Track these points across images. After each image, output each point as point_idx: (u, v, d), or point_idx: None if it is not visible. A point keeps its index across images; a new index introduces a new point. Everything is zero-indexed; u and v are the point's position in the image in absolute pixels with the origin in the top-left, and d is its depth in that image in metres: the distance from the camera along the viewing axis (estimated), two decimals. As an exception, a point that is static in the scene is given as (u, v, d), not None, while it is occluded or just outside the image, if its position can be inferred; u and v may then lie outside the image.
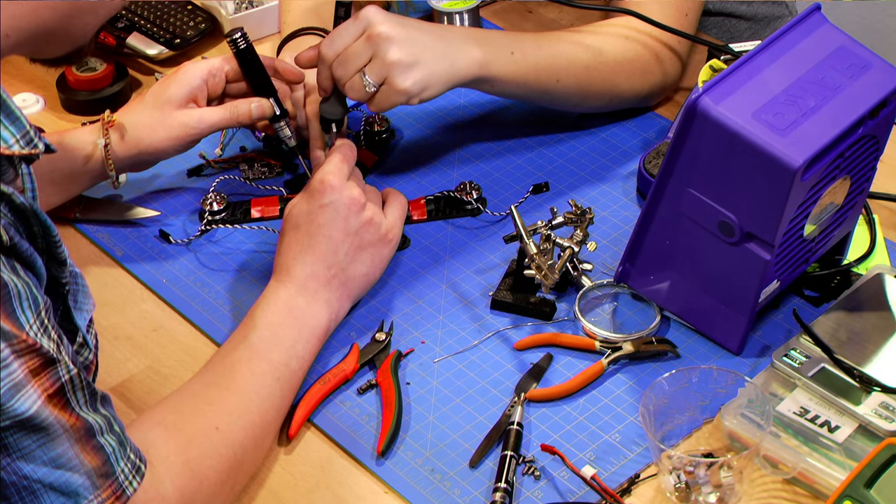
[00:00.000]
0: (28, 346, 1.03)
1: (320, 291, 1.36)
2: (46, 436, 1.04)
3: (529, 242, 1.40)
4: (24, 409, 1.02)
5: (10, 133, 1.05)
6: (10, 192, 1.03)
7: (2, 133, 1.04)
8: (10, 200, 1.04)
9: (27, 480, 1.04)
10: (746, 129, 1.22)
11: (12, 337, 1.02)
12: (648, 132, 1.64)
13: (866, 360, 1.29)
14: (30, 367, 1.03)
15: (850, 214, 1.38)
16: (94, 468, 1.07)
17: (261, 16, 1.81)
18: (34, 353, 1.03)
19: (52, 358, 1.05)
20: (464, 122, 1.68)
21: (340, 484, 1.28)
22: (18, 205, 1.04)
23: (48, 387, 1.04)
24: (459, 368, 1.37)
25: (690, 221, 1.31)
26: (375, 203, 1.42)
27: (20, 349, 1.02)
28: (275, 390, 1.28)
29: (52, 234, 1.09)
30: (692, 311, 1.37)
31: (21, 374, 1.02)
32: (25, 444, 1.03)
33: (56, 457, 1.05)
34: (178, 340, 1.43)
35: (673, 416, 1.27)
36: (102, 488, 1.07)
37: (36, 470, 1.04)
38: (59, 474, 1.05)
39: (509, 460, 1.26)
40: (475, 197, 1.53)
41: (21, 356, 1.02)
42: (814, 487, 1.22)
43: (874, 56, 1.29)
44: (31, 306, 1.04)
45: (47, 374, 1.04)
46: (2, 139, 1.04)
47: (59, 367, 1.05)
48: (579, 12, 1.82)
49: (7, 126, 1.05)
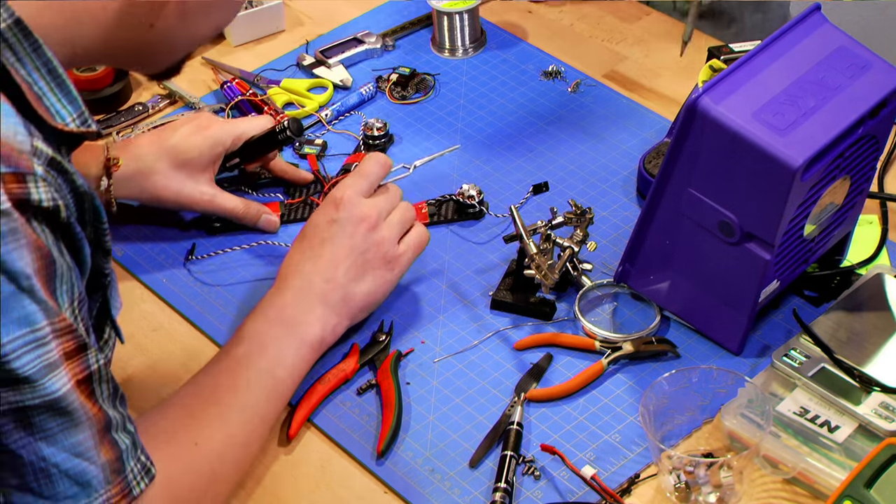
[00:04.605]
0: (66, 326, 1.03)
1: (315, 303, 1.34)
2: (70, 421, 1.04)
3: (529, 242, 1.40)
4: (54, 390, 1.02)
5: (67, 112, 1.06)
6: (73, 171, 1.04)
7: (60, 111, 1.06)
8: (71, 181, 1.04)
9: (45, 462, 1.04)
10: (746, 129, 1.22)
11: (54, 315, 1.02)
12: (648, 132, 1.64)
13: (866, 360, 1.29)
14: (65, 349, 1.03)
15: (850, 214, 1.38)
16: (109, 462, 1.07)
17: (261, 15, 1.81)
18: (70, 334, 1.03)
19: (84, 343, 1.05)
20: (464, 122, 1.68)
21: (340, 484, 1.28)
22: (78, 186, 1.05)
23: (78, 372, 1.04)
24: (459, 368, 1.37)
25: (690, 221, 1.31)
26: (395, 226, 1.40)
27: (59, 329, 1.02)
28: (259, 400, 1.26)
29: (102, 220, 1.09)
30: (692, 311, 1.37)
31: (57, 355, 1.02)
32: (50, 426, 1.03)
33: (76, 444, 1.04)
34: (178, 340, 1.43)
35: (673, 416, 1.27)
36: (113, 484, 1.07)
37: (56, 454, 1.04)
38: (77, 462, 1.05)
39: (509, 460, 1.26)
40: (477, 200, 1.53)
41: (58, 336, 1.02)
42: (814, 487, 1.22)
43: (874, 56, 1.29)
44: (68, 291, 1.04)
45: (79, 360, 1.04)
46: (61, 116, 1.06)
47: (90, 355, 1.05)
48: (580, 12, 1.83)
49: (66, 105, 1.06)
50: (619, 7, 1.85)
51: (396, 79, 1.73)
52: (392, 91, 1.72)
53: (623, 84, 1.72)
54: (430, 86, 1.73)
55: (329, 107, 1.70)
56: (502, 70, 1.75)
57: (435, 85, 1.73)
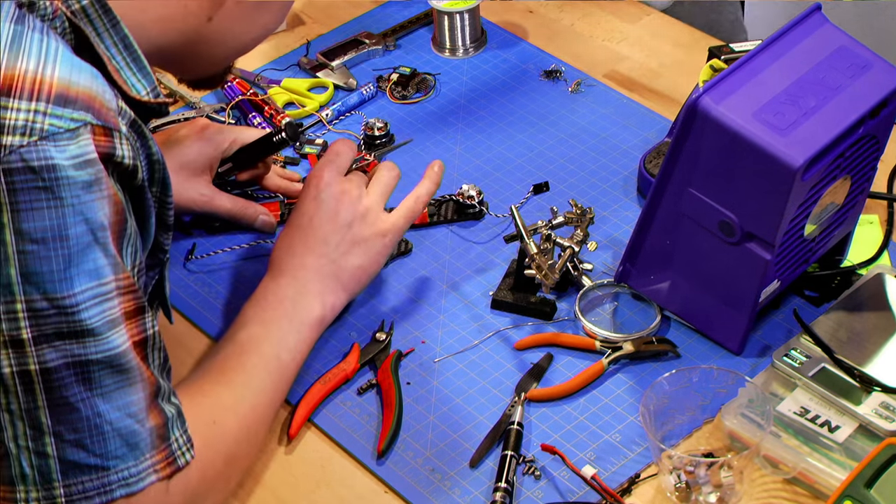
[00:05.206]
0: (129, 285, 1.06)
1: (311, 282, 1.35)
2: (127, 379, 1.06)
3: (530, 242, 1.40)
4: (117, 345, 1.04)
5: (142, 85, 1.12)
6: (150, 137, 1.09)
7: (136, 84, 1.12)
8: (148, 146, 1.09)
9: (100, 419, 1.05)
10: (747, 129, 1.22)
11: (120, 271, 1.05)
12: (648, 132, 1.64)
13: (866, 360, 1.29)
14: (125, 308, 1.05)
15: (851, 214, 1.38)
16: (156, 427, 1.09)
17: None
18: (132, 294, 1.06)
19: (143, 306, 1.07)
20: (464, 122, 1.68)
21: (340, 484, 1.28)
22: (153, 153, 1.10)
23: (136, 333, 1.07)
24: (460, 368, 1.37)
25: (690, 221, 1.31)
26: (376, 198, 1.41)
27: (123, 287, 1.05)
28: (266, 384, 1.27)
29: (168, 193, 1.13)
30: (692, 311, 1.37)
31: (119, 311, 1.05)
32: (107, 383, 1.05)
33: (130, 403, 1.06)
34: (178, 340, 1.43)
35: (673, 415, 1.27)
36: (158, 450, 1.09)
37: (110, 411, 1.06)
38: (129, 423, 1.07)
39: (509, 460, 1.26)
40: (478, 200, 1.53)
41: (122, 294, 1.05)
42: (814, 487, 1.22)
43: (874, 56, 1.29)
44: (132, 254, 1.07)
45: (137, 321, 1.07)
46: (136, 89, 1.11)
47: (147, 319, 1.08)
48: (580, 11, 1.83)
49: (140, 78, 1.12)
50: (619, 7, 1.85)
51: (397, 78, 1.73)
52: (392, 91, 1.72)
53: (623, 84, 1.72)
54: (430, 85, 1.73)
55: (329, 106, 1.70)
56: (502, 70, 1.75)
57: (435, 85, 1.73)
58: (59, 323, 1.02)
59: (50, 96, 1.00)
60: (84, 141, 1.01)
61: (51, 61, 1.02)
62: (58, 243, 1.01)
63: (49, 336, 1.02)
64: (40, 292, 1.01)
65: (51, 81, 1.01)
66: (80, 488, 1.06)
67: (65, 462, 1.05)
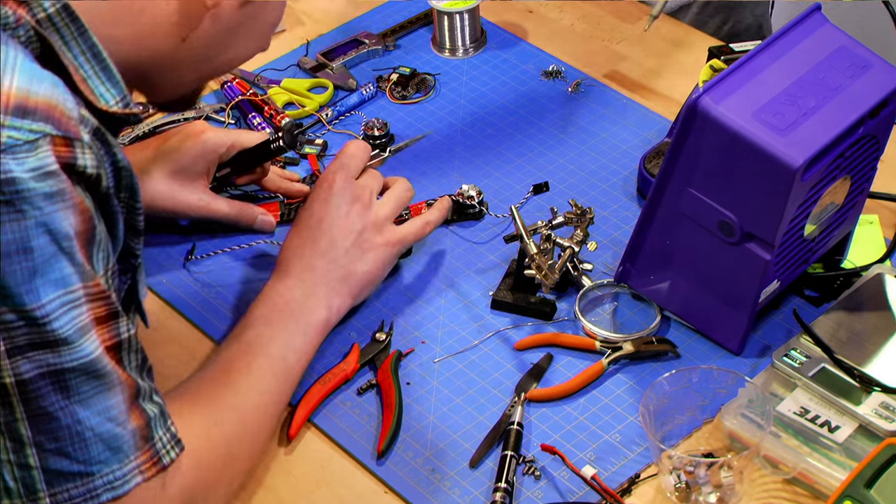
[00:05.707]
0: (99, 291, 1.05)
1: (318, 285, 1.36)
2: (104, 384, 1.06)
3: (530, 242, 1.40)
4: (89, 352, 1.04)
5: (111, 94, 1.10)
6: (115, 144, 1.08)
7: (104, 93, 1.09)
8: (112, 154, 1.08)
9: (80, 426, 1.05)
10: (746, 129, 1.22)
11: (89, 279, 1.04)
12: (648, 132, 1.64)
13: (866, 360, 1.29)
14: (96, 314, 1.05)
15: (851, 214, 1.38)
16: (138, 428, 1.09)
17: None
18: (103, 300, 1.05)
19: (116, 311, 1.07)
20: (464, 122, 1.68)
21: (340, 484, 1.28)
22: (118, 160, 1.09)
23: (108, 339, 1.06)
24: (460, 368, 1.37)
25: (690, 221, 1.31)
26: (391, 209, 1.42)
27: (92, 293, 1.04)
28: (271, 386, 1.28)
29: (136, 199, 1.12)
30: (692, 311, 1.37)
31: (88, 318, 1.04)
32: (85, 390, 1.05)
33: (109, 408, 1.06)
34: (178, 340, 1.43)
35: (673, 416, 1.27)
36: (142, 451, 1.09)
37: (90, 417, 1.05)
38: (110, 427, 1.06)
39: (509, 460, 1.26)
40: (477, 200, 1.53)
41: (91, 301, 1.04)
42: (814, 487, 1.22)
43: (874, 56, 1.29)
44: (104, 259, 1.07)
45: (109, 326, 1.06)
46: (104, 99, 1.10)
47: (121, 323, 1.07)
48: (580, 11, 1.83)
49: (109, 87, 1.10)
50: (619, 7, 1.85)
51: (397, 78, 1.73)
52: (392, 91, 1.72)
53: (623, 84, 1.72)
54: (430, 86, 1.73)
55: (329, 106, 1.70)
56: (502, 70, 1.75)
57: (435, 85, 1.73)
58: (30, 334, 1.01)
59: (8, 107, 0.99)
60: (43, 153, 0.99)
61: (9, 71, 1.00)
62: (21, 256, 1.00)
63: (22, 347, 1.01)
64: (8, 305, 1.00)
65: (9, 92, 0.99)
66: (65, 496, 1.06)
67: (48, 471, 1.05)
